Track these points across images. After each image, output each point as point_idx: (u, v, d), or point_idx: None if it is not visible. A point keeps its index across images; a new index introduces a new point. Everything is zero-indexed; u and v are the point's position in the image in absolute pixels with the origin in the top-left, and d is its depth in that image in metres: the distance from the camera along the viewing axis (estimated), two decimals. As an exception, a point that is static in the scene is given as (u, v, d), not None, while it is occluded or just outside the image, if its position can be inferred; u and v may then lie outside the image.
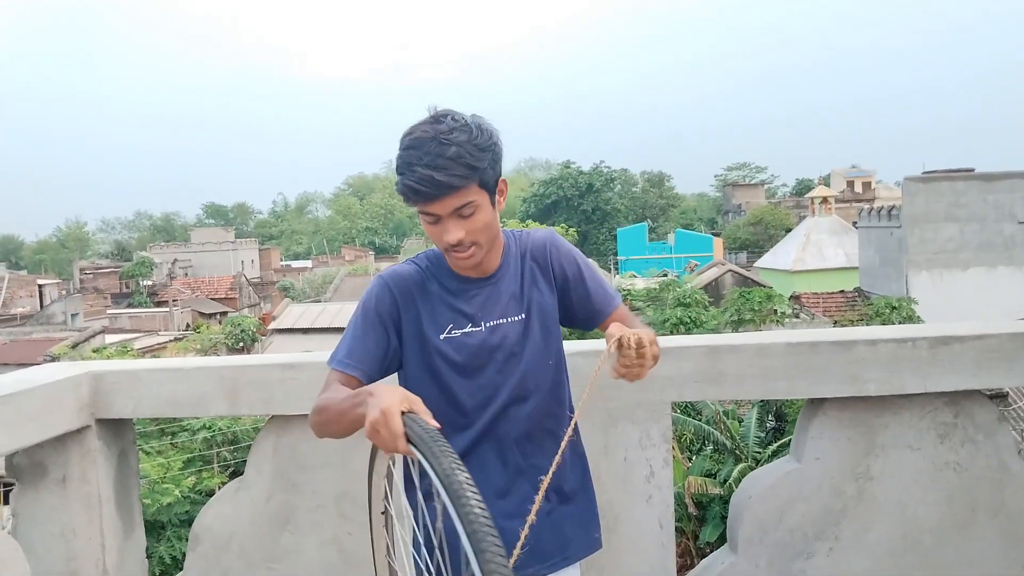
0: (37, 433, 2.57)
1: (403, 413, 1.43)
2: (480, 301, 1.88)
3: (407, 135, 1.74)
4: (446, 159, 1.68)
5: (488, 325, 1.86)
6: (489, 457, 1.88)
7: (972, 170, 26.06)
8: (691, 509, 11.30)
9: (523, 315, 1.89)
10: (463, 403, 1.87)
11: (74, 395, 2.68)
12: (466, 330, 1.86)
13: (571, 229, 42.74)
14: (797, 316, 20.80)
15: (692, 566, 6.43)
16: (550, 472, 1.66)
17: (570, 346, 2.34)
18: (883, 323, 17.70)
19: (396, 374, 1.95)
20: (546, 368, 1.92)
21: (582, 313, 1.98)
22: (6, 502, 10.80)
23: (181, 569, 2.92)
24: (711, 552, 4.96)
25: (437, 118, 1.73)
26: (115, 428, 2.85)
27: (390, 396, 1.47)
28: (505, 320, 1.87)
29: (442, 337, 1.85)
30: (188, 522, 10.52)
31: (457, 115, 1.75)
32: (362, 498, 2.76)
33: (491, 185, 1.78)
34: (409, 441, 1.39)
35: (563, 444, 1.74)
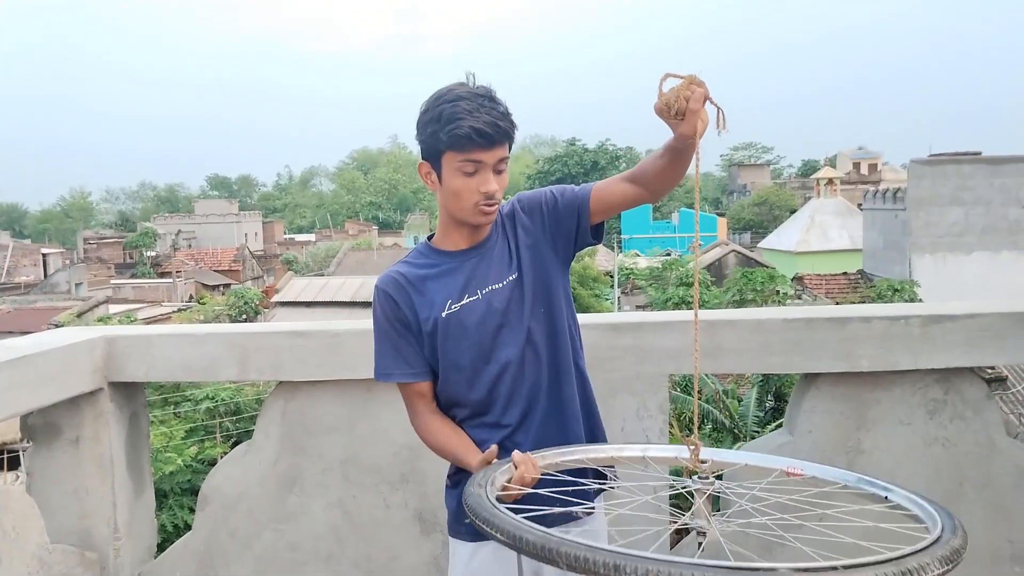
0: (53, 394, 2.65)
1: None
2: (471, 268, 1.93)
3: (445, 93, 1.84)
4: (500, 113, 1.83)
5: (484, 292, 1.91)
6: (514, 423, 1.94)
7: (979, 153, 25.94)
8: (699, 449, 11.38)
9: (516, 274, 1.93)
10: (478, 375, 1.92)
11: (88, 358, 2.76)
12: (464, 301, 1.90)
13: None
14: (799, 297, 20.82)
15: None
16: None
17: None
18: (884, 305, 17.66)
19: None
20: (539, 319, 1.93)
21: (576, 217, 1.95)
22: (8, 468, 10.93)
23: (182, 537, 3.01)
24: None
25: (467, 84, 1.86)
26: (127, 391, 2.93)
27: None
28: (500, 284, 1.91)
29: (445, 314, 1.90)
30: (190, 491, 10.61)
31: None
32: (366, 462, 2.85)
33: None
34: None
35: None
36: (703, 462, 1.67)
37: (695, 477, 1.64)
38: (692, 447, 1.69)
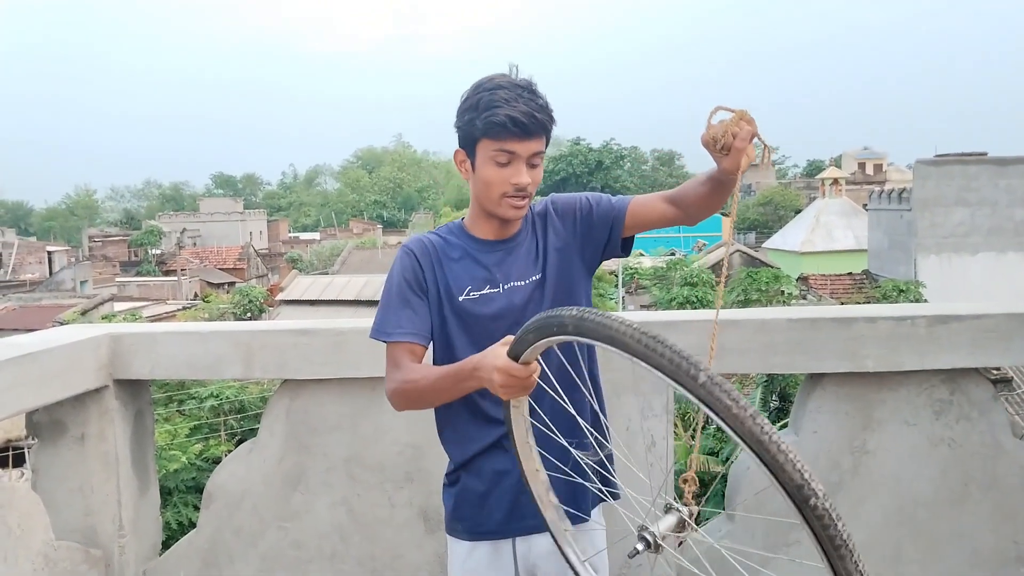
0: (59, 391, 2.65)
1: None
2: (497, 260, 1.92)
3: (486, 82, 1.84)
4: (539, 105, 1.82)
5: (506, 287, 1.90)
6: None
7: (985, 154, 25.88)
8: (694, 487, 11.41)
9: (540, 275, 1.92)
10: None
11: (94, 355, 2.76)
12: (484, 291, 1.90)
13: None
14: (804, 297, 20.81)
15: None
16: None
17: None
18: (889, 306, 17.65)
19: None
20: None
21: (609, 228, 1.96)
22: (13, 465, 10.95)
23: (186, 535, 3.01)
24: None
25: (509, 75, 1.86)
26: (132, 389, 2.93)
27: (494, 359, 1.56)
28: (523, 282, 1.91)
29: (461, 299, 1.90)
30: (195, 488, 10.62)
31: None
32: (371, 461, 2.85)
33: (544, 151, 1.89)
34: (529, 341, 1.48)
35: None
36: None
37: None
38: (686, 482, 1.62)
